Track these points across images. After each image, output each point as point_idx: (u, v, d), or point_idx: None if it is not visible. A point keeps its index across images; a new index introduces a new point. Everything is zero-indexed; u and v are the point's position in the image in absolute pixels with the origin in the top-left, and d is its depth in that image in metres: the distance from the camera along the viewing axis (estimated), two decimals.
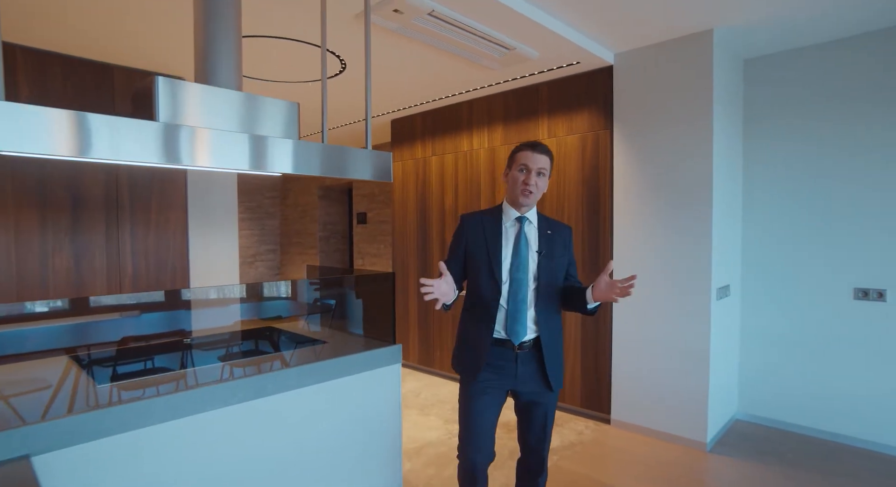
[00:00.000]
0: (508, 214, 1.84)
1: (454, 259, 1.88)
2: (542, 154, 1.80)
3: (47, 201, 3.00)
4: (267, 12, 2.51)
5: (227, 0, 1.67)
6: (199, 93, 1.50)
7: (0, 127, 1.10)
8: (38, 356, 2.13)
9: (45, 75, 2.95)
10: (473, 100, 4.13)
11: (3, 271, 2.87)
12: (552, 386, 1.82)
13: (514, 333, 1.76)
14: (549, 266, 1.82)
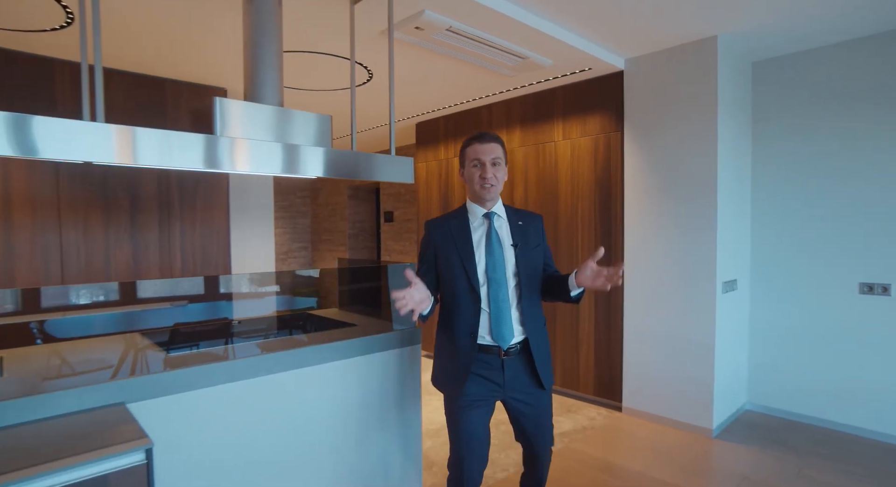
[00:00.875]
0: (475, 212, 1.77)
1: (426, 269, 1.81)
2: (490, 143, 1.73)
3: (110, 202, 3.38)
4: (304, 31, 2.80)
5: (271, 23, 1.95)
6: (249, 110, 1.78)
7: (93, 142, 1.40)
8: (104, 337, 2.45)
9: (109, 90, 3.31)
10: (493, 104, 4.36)
11: (73, 265, 3.25)
12: (544, 385, 1.74)
13: (501, 337, 1.67)
14: (528, 258, 1.74)
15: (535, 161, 4.05)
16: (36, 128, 1.30)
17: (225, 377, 1.65)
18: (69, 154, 1.36)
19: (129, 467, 1.15)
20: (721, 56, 3.09)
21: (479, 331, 1.69)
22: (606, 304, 3.64)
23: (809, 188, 3.29)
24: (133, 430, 1.23)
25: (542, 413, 1.77)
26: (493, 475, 2.70)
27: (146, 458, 1.18)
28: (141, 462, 1.17)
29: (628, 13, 2.76)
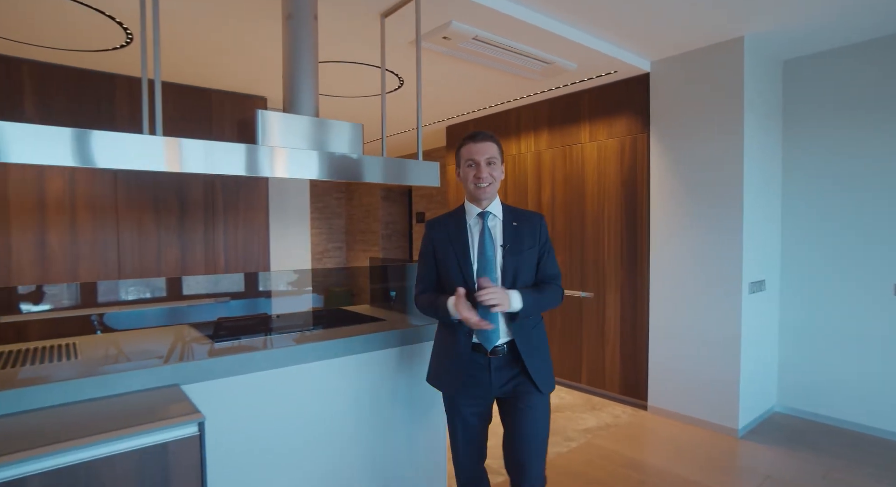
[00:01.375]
0: (471, 212, 1.76)
1: (427, 269, 1.82)
2: (484, 142, 1.71)
3: (161, 205, 3.64)
4: (339, 42, 2.97)
5: (307, 37, 2.11)
6: (287, 120, 1.94)
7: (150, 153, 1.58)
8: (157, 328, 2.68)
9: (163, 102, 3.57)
10: (521, 107, 4.45)
11: (129, 262, 3.53)
12: (540, 388, 1.68)
13: (486, 338, 1.66)
14: (515, 261, 1.70)
15: (563, 163, 4.12)
16: (102, 141, 1.49)
17: (264, 364, 1.82)
18: (130, 164, 1.54)
19: (184, 437, 1.32)
20: (748, 57, 3.10)
21: (473, 332, 1.68)
22: (632, 302, 3.68)
23: (842, 188, 3.25)
24: (187, 406, 1.41)
25: (534, 418, 1.67)
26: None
27: (199, 430, 1.35)
28: (194, 434, 1.34)
29: (653, 17, 2.81)
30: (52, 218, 3.24)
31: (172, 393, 1.52)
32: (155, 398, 1.47)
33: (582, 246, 3.99)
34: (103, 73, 3.39)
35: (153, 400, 1.46)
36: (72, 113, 3.28)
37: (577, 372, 4.07)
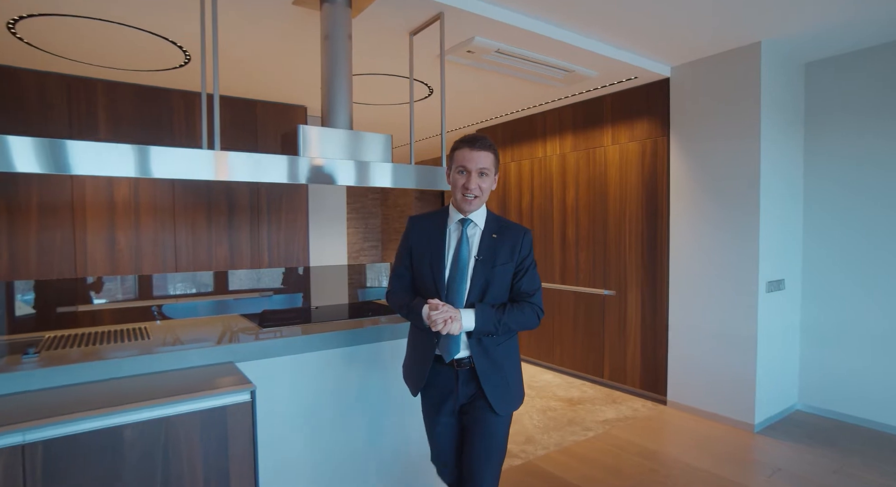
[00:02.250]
0: (452, 216, 1.68)
1: (403, 265, 1.75)
2: (482, 151, 1.60)
3: (212, 208, 4.00)
4: (372, 57, 3.22)
5: (342, 56, 2.35)
6: (325, 133, 2.20)
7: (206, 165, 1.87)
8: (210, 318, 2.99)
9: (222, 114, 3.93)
10: (546, 111, 4.61)
11: (184, 258, 3.90)
12: (495, 409, 1.61)
13: (447, 350, 1.60)
14: (486, 274, 1.61)
15: (586, 165, 4.26)
16: (160, 156, 1.78)
17: (303, 348, 2.08)
18: (184, 175, 1.83)
19: (239, 403, 1.59)
20: (765, 61, 3.17)
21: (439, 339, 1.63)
22: (652, 301, 3.79)
23: (866, 188, 3.28)
24: (241, 378, 1.68)
25: (484, 435, 1.62)
26: (533, 451, 2.99)
27: (251, 398, 1.61)
28: (247, 401, 1.61)
29: (672, 25, 2.92)
30: (119, 220, 3.64)
31: (228, 369, 1.79)
32: (215, 372, 1.75)
33: (605, 246, 4.13)
34: (163, 88, 3.76)
35: (213, 373, 1.74)
36: (136, 124, 3.67)
37: (599, 367, 4.21)
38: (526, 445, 3.08)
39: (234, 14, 2.55)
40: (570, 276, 4.44)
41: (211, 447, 1.54)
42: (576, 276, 4.40)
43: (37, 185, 3.36)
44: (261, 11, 2.55)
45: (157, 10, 2.51)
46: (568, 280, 4.47)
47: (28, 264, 3.34)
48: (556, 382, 4.33)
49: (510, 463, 2.84)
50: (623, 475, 2.71)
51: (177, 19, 2.62)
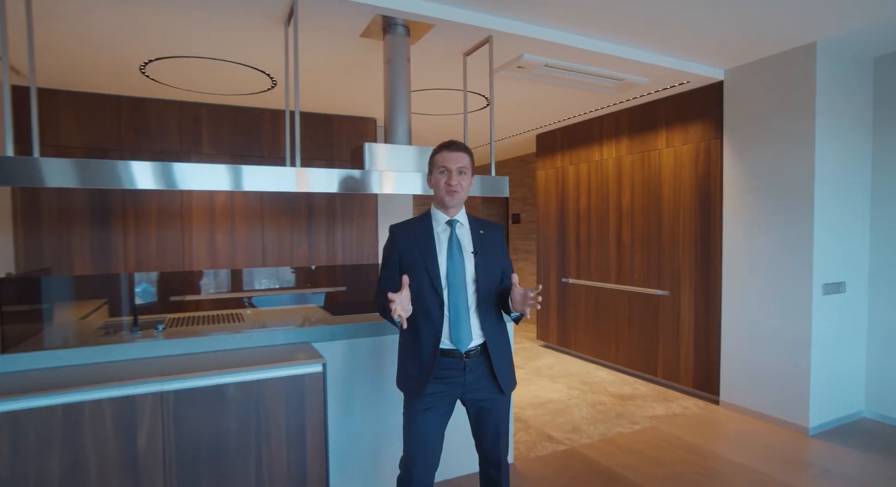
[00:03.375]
0: (438, 219, 1.81)
1: (390, 273, 1.82)
2: (458, 152, 1.77)
3: (294, 212, 4.53)
4: (431, 74, 3.56)
5: (402, 76, 2.68)
6: (389, 149, 2.55)
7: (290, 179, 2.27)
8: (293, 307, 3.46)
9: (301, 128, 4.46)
10: (603, 116, 4.73)
11: (270, 255, 4.45)
12: (503, 389, 1.79)
13: (459, 341, 1.72)
14: (486, 266, 1.79)
15: (641, 168, 4.35)
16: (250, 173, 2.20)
17: (367, 333, 2.45)
18: (271, 187, 2.25)
19: (313, 373, 1.97)
20: (821, 60, 3.15)
21: (442, 336, 1.73)
22: (705, 301, 3.84)
23: None
24: (315, 354, 2.06)
25: (500, 417, 1.81)
26: (578, 439, 3.19)
27: (322, 369, 1.99)
28: (319, 372, 1.98)
29: (724, 31, 2.96)
30: (218, 223, 4.25)
31: (306, 347, 2.19)
32: (295, 349, 2.15)
33: (659, 247, 4.20)
34: (254, 108, 4.33)
35: (294, 350, 2.14)
36: (233, 139, 4.26)
37: (653, 366, 4.29)
38: (571, 433, 3.28)
39: (312, 46, 2.97)
40: (626, 276, 4.55)
41: (292, 406, 1.93)
42: (630, 276, 4.49)
43: (156, 197, 4.03)
44: (333, 43, 2.95)
45: (249, 48, 3.00)
46: (623, 280, 4.57)
47: (149, 260, 4.01)
48: (609, 379, 4.46)
49: (554, 449, 3.06)
50: (662, 464, 2.84)
51: (265, 53, 3.09)
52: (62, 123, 3.76)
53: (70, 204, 3.80)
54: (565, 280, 5.29)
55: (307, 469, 1.97)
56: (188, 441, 1.77)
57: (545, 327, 5.65)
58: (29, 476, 1.58)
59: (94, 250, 3.87)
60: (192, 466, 1.78)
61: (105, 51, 3.02)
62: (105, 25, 2.66)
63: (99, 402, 1.65)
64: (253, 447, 1.87)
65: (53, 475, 1.60)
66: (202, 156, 4.18)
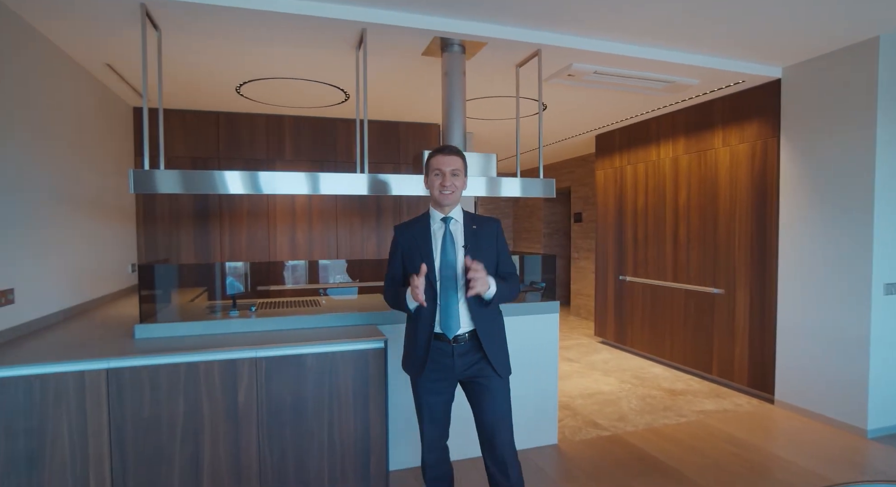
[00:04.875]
0: (434, 217, 1.96)
1: (395, 266, 2.02)
2: (451, 155, 1.91)
3: (365, 211, 4.98)
4: (487, 83, 3.84)
5: (458, 87, 2.98)
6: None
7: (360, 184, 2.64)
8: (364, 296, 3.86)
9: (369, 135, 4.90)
10: (660, 116, 4.79)
11: (343, 249, 4.92)
12: (498, 372, 1.90)
13: (448, 327, 1.86)
14: (477, 258, 1.84)
15: (697, 167, 4.39)
16: (326, 179, 2.59)
17: None
18: (345, 191, 2.63)
19: (376, 348, 2.32)
20: (883, 56, 3.10)
21: (435, 322, 1.88)
22: (761, 300, 3.83)
23: None
24: (379, 333, 2.41)
25: (496, 400, 1.92)
26: (623, 427, 3.35)
27: (384, 346, 2.34)
28: (381, 348, 2.33)
29: (780, 30, 2.98)
30: (298, 221, 4.77)
31: (371, 328, 2.55)
32: (363, 330, 2.52)
33: (715, 245, 4.23)
34: (329, 118, 4.82)
35: (362, 330, 2.50)
36: (312, 146, 4.77)
37: (707, 363, 4.32)
38: (617, 422, 3.45)
39: (380, 64, 3.34)
40: (682, 274, 4.59)
41: (358, 375, 2.30)
42: (687, 274, 4.53)
43: (246, 199, 4.62)
44: (398, 61, 3.31)
45: (325, 68, 3.42)
46: (679, 278, 4.61)
47: (241, 252, 4.60)
48: (664, 375, 4.53)
49: (598, 434, 3.25)
50: (703, 454, 2.96)
51: (339, 71, 3.50)
52: (174, 137, 4.41)
53: (179, 206, 4.46)
54: (622, 278, 5.37)
55: (370, 431, 2.33)
56: (276, 398, 2.18)
57: (603, 323, 5.75)
58: (161, 415, 2.04)
59: (197, 244, 4.51)
60: (278, 418, 2.19)
61: (208, 76, 3.56)
62: (209, 56, 3.18)
63: (210, 363, 2.10)
64: (326, 407, 2.25)
65: (178, 416, 2.06)
66: (285, 162, 4.72)
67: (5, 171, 2.34)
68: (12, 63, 2.42)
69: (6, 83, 2.36)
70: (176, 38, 2.87)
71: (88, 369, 1.96)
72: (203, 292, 3.43)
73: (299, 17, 2.58)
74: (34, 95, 2.64)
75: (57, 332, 2.52)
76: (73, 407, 1.94)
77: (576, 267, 7.80)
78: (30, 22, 2.59)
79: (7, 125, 2.37)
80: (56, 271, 2.85)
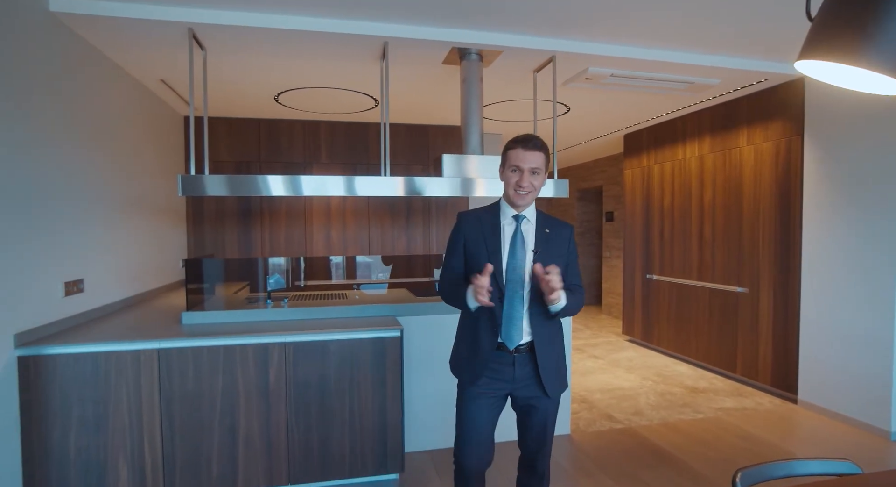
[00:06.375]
0: (506, 212, 1.78)
1: (456, 261, 1.82)
2: (534, 151, 1.69)
3: (394, 211, 5.22)
4: (507, 88, 3.99)
5: (475, 94, 3.16)
6: (459, 160, 3.05)
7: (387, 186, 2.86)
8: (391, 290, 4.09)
9: (398, 139, 5.15)
10: (686, 115, 4.80)
11: (375, 247, 5.19)
12: (548, 392, 1.75)
13: (509, 337, 1.71)
14: (545, 265, 1.66)
15: (722, 166, 4.39)
16: (360, 182, 2.82)
17: (441, 311, 2.96)
18: (375, 192, 2.86)
19: (393, 337, 2.53)
20: None
21: (498, 328, 1.72)
22: (784, 299, 3.82)
23: None
24: (396, 323, 2.62)
25: (545, 418, 1.79)
26: (637, 421, 3.44)
27: (400, 335, 2.55)
28: (398, 336, 2.55)
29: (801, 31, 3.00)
30: (333, 220, 5.07)
31: (391, 319, 2.77)
32: (383, 320, 2.74)
33: (739, 244, 4.22)
34: (361, 123, 5.09)
35: (382, 320, 2.73)
36: (345, 149, 5.05)
37: (732, 362, 4.32)
38: (633, 416, 3.54)
39: (404, 73, 3.56)
40: (707, 273, 4.59)
41: (377, 361, 2.52)
42: (711, 273, 4.54)
43: (285, 200, 4.95)
44: (421, 69, 3.51)
45: (355, 77, 3.66)
46: (704, 277, 4.62)
47: (279, 248, 4.94)
48: (687, 373, 4.55)
49: (611, 426, 3.35)
50: (713, 448, 3.02)
51: (368, 80, 3.74)
52: (220, 142, 4.79)
53: (224, 206, 4.84)
54: (649, 276, 5.40)
55: (387, 412, 2.54)
56: (302, 379, 2.43)
57: (630, 322, 5.79)
58: (203, 390, 2.33)
59: (240, 241, 4.87)
60: (304, 397, 2.44)
61: (249, 87, 3.88)
62: (249, 70, 3.48)
63: (245, 346, 2.37)
64: (347, 389, 2.49)
65: (217, 392, 2.34)
66: (321, 165, 5.03)
67: (73, 176, 2.70)
68: (78, 80, 2.78)
69: (74, 98, 2.72)
70: (220, 55, 3.17)
71: (143, 348, 2.27)
72: (245, 285, 3.74)
73: (327, 34, 2.83)
74: (98, 108, 3.00)
75: (118, 317, 2.87)
76: (131, 380, 2.25)
77: (607, 266, 7.80)
78: (94, 44, 2.95)
79: (75, 135, 2.72)
80: (118, 266, 3.22)
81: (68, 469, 2.20)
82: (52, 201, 2.46)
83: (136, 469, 2.27)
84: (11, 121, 2.16)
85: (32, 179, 2.31)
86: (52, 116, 2.48)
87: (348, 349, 2.49)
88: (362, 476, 2.54)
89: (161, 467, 2.29)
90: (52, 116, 2.47)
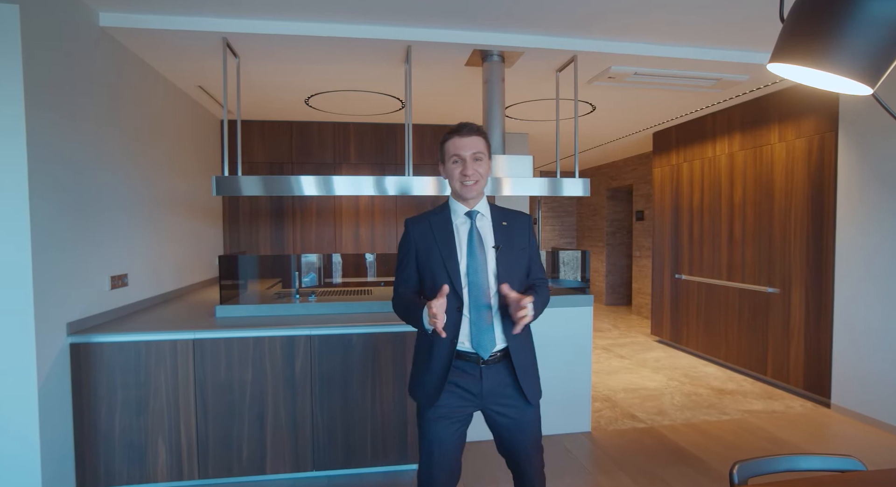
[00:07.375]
0: (457, 211, 1.64)
1: (408, 271, 1.65)
2: (470, 135, 1.58)
3: (422, 209, 5.32)
4: (530, 88, 4.03)
5: (497, 94, 3.21)
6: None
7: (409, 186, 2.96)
8: None
9: (423, 138, 5.25)
10: (716, 112, 4.71)
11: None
12: (529, 399, 1.60)
13: (482, 345, 1.54)
14: (510, 262, 1.60)
15: (753, 163, 4.30)
16: (387, 181, 2.92)
17: None
18: (402, 192, 2.95)
19: (413, 331, 2.62)
20: None
21: (459, 337, 1.56)
22: (817, 300, 3.72)
23: None
24: None
25: (525, 429, 1.62)
26: (660, 421, 3.43)
27: None
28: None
29: None
30: (361, 219, 5.21)
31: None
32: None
33: (770, 243, 4.13)
34: (388, 124, 5.21)
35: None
36: (373, 149, 5.19)
37: (762, 364, 4.23)
38: (656, 415, 3.53)
39: (427, 75, 3.65)
40: (736, 273, 4.51)
41: (397, 354, 2.62)
42: (741, 273, 4.45)
43: (316, 199, 5.12)
44: (444, 71, 3.59)
45: (382, 80, 3.77)
46: (734, 277, 4.53)
47: (310, 245, 5.12)
48: (716, 375, 4.48)
49: (633, 425, 3.35)
50: (736, 449, 2.99)
51: (393, 83, 3.85)
52: (254, 144, 4.99)
53: (258, 205, 5.05)
54: (678, 276, 5.32)
55: (407, 405, 2.64)
56: (327, 370, 2.55)
57: (659, 322, 5.72)
58: (233, 379, 2.48)
59: (273, 238, 5.07)
60: (329, 387, 2.55)
61: (280, 91, 4.05)
62: (280, 74, 3.64)
63: (273, 338, 2.50)
64: (369, 380, 2.59)
65: (246, 381, 2.48)
66: (350, 165, 5.17)
67: (120, 177, 2.90)
68: (124, 88, 2.98)
69: (122, 105, 2.92)
70: (252, 62, 3.33)
71: (180, 338, 2.43)
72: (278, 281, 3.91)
73: (352, 40, 2.95)
74: (142, 113, 3.20)
75: (158, 309, 3.06)
76: (169, 367, 2.42)
77: (637, 266, 7.71)
78: (136, 53, 3.15)
79: (122, 140, 2.92)
80: (158, 262, 3.42)
81: (113, 448, 2.39)
82: (102, 200, 2.66)
83: (174, 450, 2.43)
84: (70, 128, 2.36)
85: (86, 181, 2.51)
86: (103, 122, 2.68)
87: (371, 343, 2.59)
88: (384, 465, 2.65)
89: (196, 448, 2.45)
90: (103, 122, 2.68)
